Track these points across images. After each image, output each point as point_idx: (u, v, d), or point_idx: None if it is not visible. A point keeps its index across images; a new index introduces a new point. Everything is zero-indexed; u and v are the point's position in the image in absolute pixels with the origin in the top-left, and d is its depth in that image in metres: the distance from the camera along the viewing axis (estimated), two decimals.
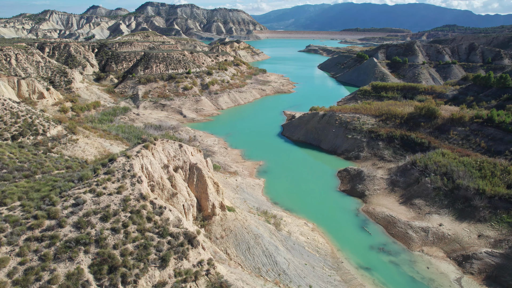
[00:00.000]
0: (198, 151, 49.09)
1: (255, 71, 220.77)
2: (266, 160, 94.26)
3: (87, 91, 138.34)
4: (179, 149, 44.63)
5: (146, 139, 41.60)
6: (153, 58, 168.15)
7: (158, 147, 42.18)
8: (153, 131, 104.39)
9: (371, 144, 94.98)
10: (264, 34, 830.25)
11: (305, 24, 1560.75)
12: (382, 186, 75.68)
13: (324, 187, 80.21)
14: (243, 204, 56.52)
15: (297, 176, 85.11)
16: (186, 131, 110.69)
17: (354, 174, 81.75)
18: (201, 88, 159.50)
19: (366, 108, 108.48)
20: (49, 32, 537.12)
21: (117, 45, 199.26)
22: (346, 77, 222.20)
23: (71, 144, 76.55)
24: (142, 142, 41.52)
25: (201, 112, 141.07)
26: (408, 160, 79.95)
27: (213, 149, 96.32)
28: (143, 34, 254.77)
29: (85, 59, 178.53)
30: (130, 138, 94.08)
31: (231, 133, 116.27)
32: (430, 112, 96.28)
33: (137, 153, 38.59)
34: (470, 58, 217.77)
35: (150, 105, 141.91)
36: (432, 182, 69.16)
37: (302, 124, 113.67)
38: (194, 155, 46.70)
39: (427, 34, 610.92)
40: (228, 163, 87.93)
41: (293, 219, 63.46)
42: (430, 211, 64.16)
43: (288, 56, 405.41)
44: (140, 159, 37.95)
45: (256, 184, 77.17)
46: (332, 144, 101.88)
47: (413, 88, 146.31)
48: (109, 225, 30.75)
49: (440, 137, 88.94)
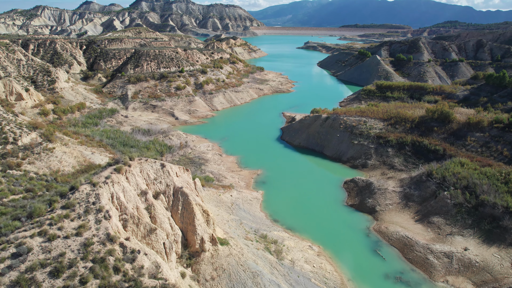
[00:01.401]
0: (185, 170, 41.89)
1: (252, 69, 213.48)
2: (264, 168, 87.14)
3: (72, 92, 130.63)
4: (160, 169, 37.43)
5: (118, 159, 34.41)
6: (144, 55, 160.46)
7: (134, 169, 34.97)
8: (141, 136, 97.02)
9: (379, 151, 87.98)
10: (261, 30, 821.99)
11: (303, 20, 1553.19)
12: (395, 200, 68.67)
13: (329, 201, 73.16)
14: (239, 228, 49.37)
15: (299, 188, 78.04)
16: (178, 136, 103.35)
17: (363, 186, 74.70)
18: (194, 87, 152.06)
19: (373, 110, 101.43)
20: (40, 28, 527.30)
21: (106, 42, 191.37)
22: (348, 76, 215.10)
23: (46, 153, 69.17)
24: (114, 163, 34.27)
25: (195, 114, 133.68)
26: (422, 170, 72.95)
27: (207, 157, 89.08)
28: (134, 30, 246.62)
29: (72, 57, 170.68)
30: (115, 145, 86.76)
31: (227, 137, 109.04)
32: (444, 116, 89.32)
33: (106, 179, 31.36)
34: (478, 56, 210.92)
35: (140, 106, 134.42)
36: (452, 197, 62.17)
37: (303, 128, 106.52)
38: (179, 176, 39.51)
39: (428, 31, 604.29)
40: (222, 173, 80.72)
41: (296, 242, 56.36)
42: (452, 231, 57.18)
43: (286, 53, 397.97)
44: (110, 186, 30.74)
45: (253, 198, 70.03)
46: (337, 150, 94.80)
47: (420, 88, 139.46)
48: (61, 282, 23.52)
49: (456, 143, 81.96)
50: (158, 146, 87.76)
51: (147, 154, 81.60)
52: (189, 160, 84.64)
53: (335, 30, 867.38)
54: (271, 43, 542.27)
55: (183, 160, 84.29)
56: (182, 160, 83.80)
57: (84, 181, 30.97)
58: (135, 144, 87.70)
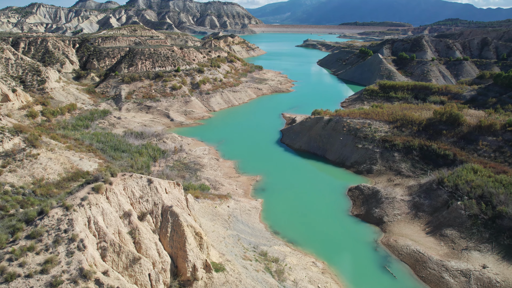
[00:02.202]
0: (176, 185, 37.73)
1: (251, 68, 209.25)
2: (263, 174, 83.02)
3: (63, 92, 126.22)
4: (147, 186, 33.27)
5: (98, 177, 30.24)
6: (138, 54, 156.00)
7: (116, 186, 30.82)
8: (133, 139, 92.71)
9: (385, 155, 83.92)
10: (259, 28, 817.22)
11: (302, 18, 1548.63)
12: (403, 210, 64.61)
13: (333, 210, 69.09)
14: (236, 245, 45.20)
15: (300, 195, 73.96)
16: (172, 139, 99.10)
17: (369, 194, 70.63)
18: (191, 87, 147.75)
19: (377, 112, 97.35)
20: (35, 26, 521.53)
21: (100, 40, 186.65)
22: (349, 75, 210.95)
23: (30, 160, 64.89)
24: (92, 181, 30.10)
25: (191, 115, 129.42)
26: (432, 177, 68.90)
27: (203, 162, 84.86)
28: (130, 28, 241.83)
29: (64, 56, 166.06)
30: (106, 149, 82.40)
31: (224, 140, 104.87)
32: (453, 118, 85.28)
33: (81, 201, 27.18)
34: (483, 54, 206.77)
35: (133, 107, 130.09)
36: (466, 207, 58.13)
37: (304, 131, 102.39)
38: (169, 192, 35.36)
39: (429, 28, 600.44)
40: (219, 179, 76.54)
41: (299, 257, 52.27)
42: (468, 246, 53.14)
43: (285, 51, 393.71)
44: (87, 209, 26.59)
45: (252, 208, 65.92)
46: (340, 154, 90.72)
47: (425, 88, 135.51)
48: None
49: (467, 148, 77.94)
50: (151, 150, 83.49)
51: (139, 159, 77.42)
52: (184, 166, 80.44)
53: (334, 28, 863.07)
54: (270, 41, 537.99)
55: (178, 165, 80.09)
56: (176, 166, 79.60)
57: (56, 204, 26.82)
58: (127, 149, 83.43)
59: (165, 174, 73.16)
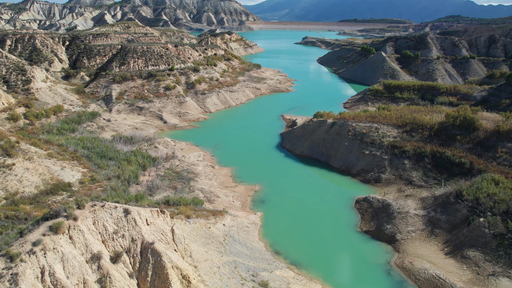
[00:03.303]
0: (159, 213, 31.99)
1: (248, 67, 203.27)
2: (263, 182, 77.32)
3: (49, 92, 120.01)
4: (123, 218, 27.52)
5: (59, 211, 24.44)
6: (130, 52, 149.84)
7: (84, 221, 25.07)
8: (122, 145, 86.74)
9: (394, 162, 78.28)
10: (257, 25, 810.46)
11: (300, 14, 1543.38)
12: (418, 226, 58.97)
13: (339, 225, 63.46)
14: (233, 276, 39.46)
15: (303, 208, 68.31)
16: (165, 144, 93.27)
17: (379, 207, 64.98)
18: (185, 87, 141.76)
19: (385, 115, 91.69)
20: (28, 23, 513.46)
21: (91, 37, 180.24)
22: (351, 73, 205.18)
23: (3, 172, 58.94)
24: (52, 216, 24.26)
25: (185, 117, 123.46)
26: (449, 189, 63.25)
27: (197, 169, 79.03)
28: (123, 25, 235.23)
29: (53, 54, 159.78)
30: (91, 157, 76.55)
31: (220, 145, 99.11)
32: (468, 122, 79.63)
33: (33, 247, 21.39)
34: (490, 52, 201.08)
35: (125, 108, 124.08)
36: (490, 225, 52.54)
37: (306, 135, 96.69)
38: (151, 223, 29.60)
39: (430, 25, 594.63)
40: (214, 190, 70.76)
41: (304, 284, 46.59)
42: (495, 271, 47.54)
43: (284, 48, 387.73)
44: (40, 258, 20.88)
45: (251, 224, 60.21)
46: (345, 161, 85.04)
47: (432, 88, 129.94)
48: None
49: (485, 155, 72.30)
50: (140, 158, 77.55)
51: (127, 168, 71.53)
52: (176, 175, 74.58)
53: (333, 24, 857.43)
54: (268, 38, 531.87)
55: (169, 174, 74.24)
56: (167, 175, 73.75)
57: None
58: (115, 156, 77.54)
59: (155, 185, 67.38)
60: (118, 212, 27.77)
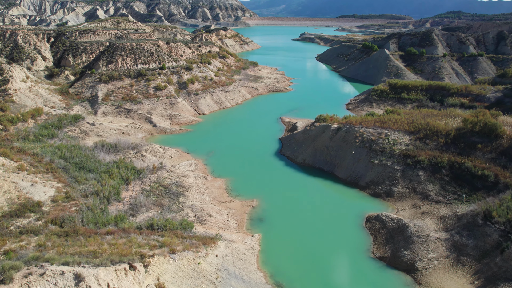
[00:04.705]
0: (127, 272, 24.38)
1: (245, 64, 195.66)
2: (261, 197, 69.96)
3: (29, 94, 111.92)
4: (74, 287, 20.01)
5: None
6: (118, 49, 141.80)
7: None
8: (105, 154, 78.98)
9: (407, 174, 71.06)
10: (253, 21, 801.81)
11: (297, 10, 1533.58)
12: (441, 252, 51.72)
13: (349, 249, 56.15)
14: None
15: (307, 227, 61.05)
16: (153, 151, 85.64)
17: (393, 228, 57.70)
18: (177, 87, 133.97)
19: (395, 120, 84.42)
20: (17, 18, 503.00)
21: (77, 34, 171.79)
22: (352, 72, 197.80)
23: None
24: None
25: (177, 119, 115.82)
26: (474, 208, 56.00)
27: (188, 182, 71.47)
28: (113, 21, 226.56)
29: (36, 51, 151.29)
30: (69, 169, 68.86)
31: (214, 151, 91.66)
32: (489, 129, 72.51)
33: None
34: (499, 50, 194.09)
35: (111, 110, 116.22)
36: None
37: (308, 141, 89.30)
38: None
39: (431, 21, 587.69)
40: (207, 207, 63.29)
41: None
42: None
43: (281, 45, 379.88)
44: None
45: (248, 249, 52.82)
46: (352, 171, 77.73)
47: (441, 89, 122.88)
48: None
49: (511, 167, 65.19)
50: (123, 170, 69.85)
51: (108, 183, 63.91)
52: (164, 189, 67.01)
53: (331, 20, 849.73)
54: (265, 35, 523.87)
55: (156, 189, 66.66)
56: (154, 190, 66.19)
57: None
58: (95, 167, 69.80)
59: (139, 202, 59.82)
60: (67, 279, 20.16)
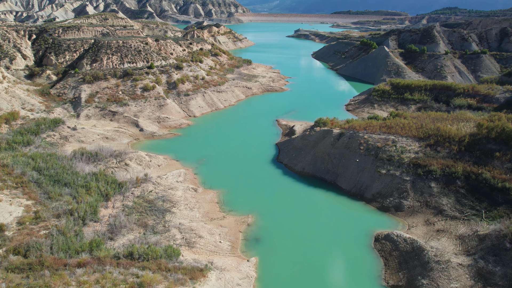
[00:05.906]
0: None
1: (238, 63, 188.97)
2: (257, 211, 63.75)
3: (6, 95, 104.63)
4: None
5: None
6: (104, 47, 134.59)
7: None
8: (84, 163, 72.11)
9: (418, 185, 65.04)
10: (247, 17, 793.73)
11: (291, 6, 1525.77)
12: (465, 281, 45.67)
13: (358, 275, 49.99)
14: None
15: (309, 248, 54.87)
16: (138, 160, 78.91)
17: (407, 251, 51.58)
18: (166, 87, 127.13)
19: (402, 125, 78.30)
20: (3, 14, 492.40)
21: (60, 30, 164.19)
22: (350, 70, 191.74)
23: None
24: None
25: (166, 122, 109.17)
26: (500, 228, 50.01)
27: (175, 196, 64.92)
28: (100, 17, 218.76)
29: (16, 49, 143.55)
30: (42, 182, 62.05)
31: (205, 159, 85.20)
32: (507, 135, 66.67)
33: None
34: (502, 47, 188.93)
35: (95, 113, 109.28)
36: None
37: (308, 147, 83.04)
38: None
39: (427, 17, 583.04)
40: (196, 227, 56.76)
41: None
42: None
43: (276, 42, 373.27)
44: None
45: (243, 279, 46.49)
46: (356, 182, 71.56)
47: (447, 89, 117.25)
48: None
49: None
50: (103, 183, 63.03)
51: (85, 199, 57.24)
52: (149, 205, 60.41)
53: (326, 17, 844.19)
54: (258, 31, 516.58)
55: (139, 205, 60.02)
56: (137, 206, 59.55)
57: None
58: (71, 181, 62.98)
59: (119, 223, 53.15)
60: None
